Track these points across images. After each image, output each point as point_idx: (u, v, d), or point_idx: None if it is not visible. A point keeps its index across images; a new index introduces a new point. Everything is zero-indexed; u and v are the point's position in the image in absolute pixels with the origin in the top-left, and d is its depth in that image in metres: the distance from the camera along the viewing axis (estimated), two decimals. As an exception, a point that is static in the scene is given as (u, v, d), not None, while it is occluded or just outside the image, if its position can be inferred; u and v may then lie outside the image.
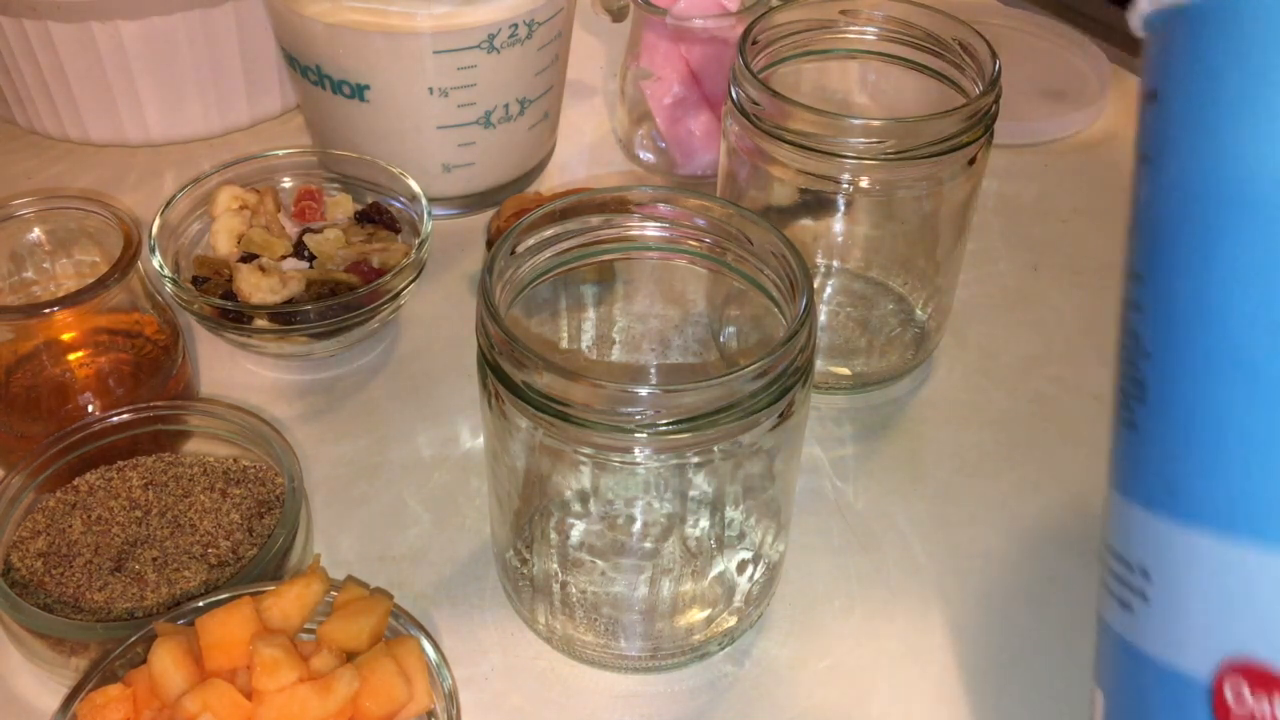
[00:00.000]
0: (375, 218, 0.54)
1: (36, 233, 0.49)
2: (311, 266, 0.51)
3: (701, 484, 0.39)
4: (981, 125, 0.45)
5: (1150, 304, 0.30)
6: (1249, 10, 0.27)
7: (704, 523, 0.40)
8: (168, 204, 0.51)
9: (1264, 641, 0.26)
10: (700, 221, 0.39)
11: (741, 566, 0.41)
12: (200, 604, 0.36)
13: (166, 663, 0.33)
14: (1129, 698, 0.30)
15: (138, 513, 0.42)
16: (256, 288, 0.48)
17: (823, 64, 0.51)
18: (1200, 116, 0.28)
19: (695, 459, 0.35)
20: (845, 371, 0.51)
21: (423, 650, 0.35)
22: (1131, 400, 0.30)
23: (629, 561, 0.40)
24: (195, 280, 0.51)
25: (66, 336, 0.46)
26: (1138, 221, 0.31)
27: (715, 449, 0.35)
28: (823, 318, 0.53)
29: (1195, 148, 0.28)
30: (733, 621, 0.41)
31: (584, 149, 0.66)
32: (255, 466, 0.44)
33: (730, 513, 0.40)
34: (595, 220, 0.39)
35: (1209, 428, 0.28)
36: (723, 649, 0.41)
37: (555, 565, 0.40)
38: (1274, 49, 0.26)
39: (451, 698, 0.35)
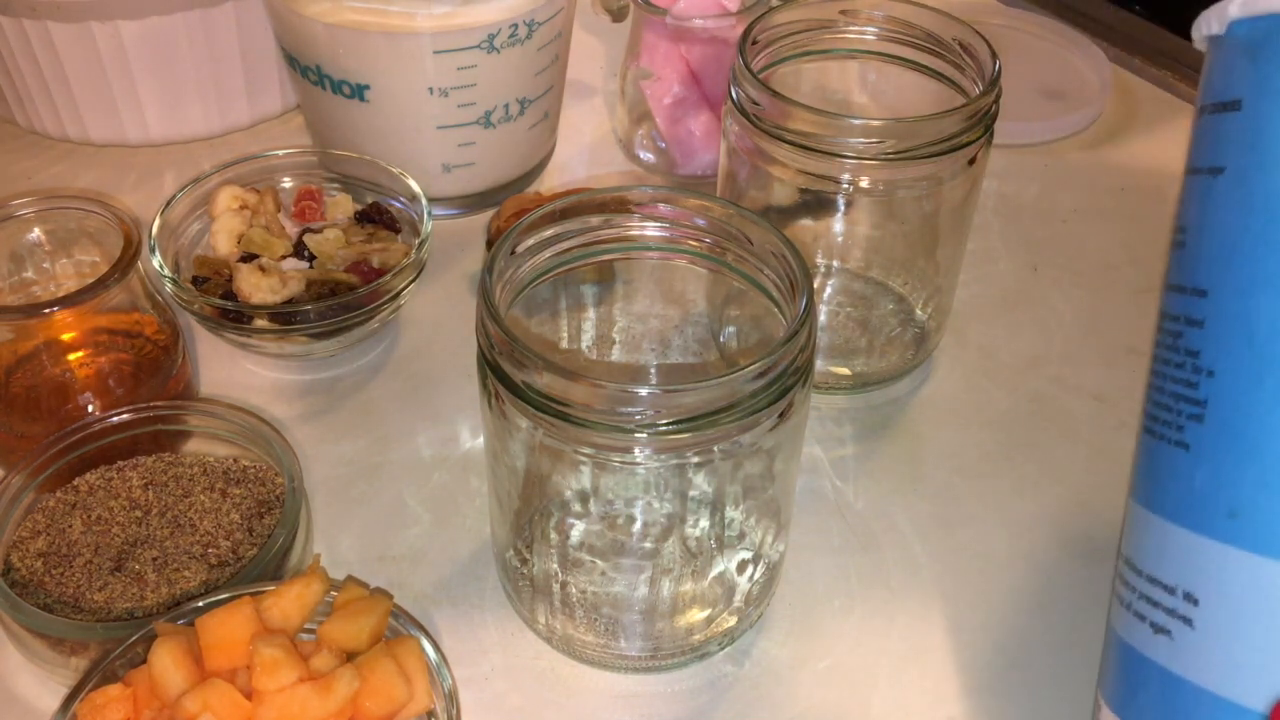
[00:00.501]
0: (375, 218, 0.54)
1: (36, 233, 0.49)
2: (311, 266, 0.51)
3: (701, 484, 0.39)
4: (981, 125, 0.45)
5: (1216, 320, 0.28)
6: None
7: (704, 523, 0.40)
8: (168, 204, 0.51)
9: None
10: (700, 221, 0.39)
11: (741, 566, 0.41)
12: (200, 604, 0.36)
13: (166, 663, 0.33)
14: None
15: (138, 513, 0.42)
16: (256, 288, 0.48)
17: (823, 64, 0.51)
18: None
19: (695, 459, 0.35)
20: (845, 371, 0.51)
21: (423, 650, 0.35)
22: (1184, 420, 0.29)
23: (629, 561, 0.40)
24: (195, 280, 0.51)
25: (66, 336, 0.46)
26: (1199, 234, 0.29)
27: (715, 449, 0.35)
28: (823, 318, 0.53)
29: None
30: (733, 621, 0.41)
31: (584, 149, 0.66)
32: (255, 466, 0.44)
33: (730, 513, 0.40)
34: (595, 220, 0.39)
35: None
36: (723, 649, 0.41)
37: (555, 565, 0.40)
38: None
39: (451, 698, 0.35)
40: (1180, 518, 0.29)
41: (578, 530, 0.41)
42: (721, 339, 0.49)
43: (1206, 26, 0.29)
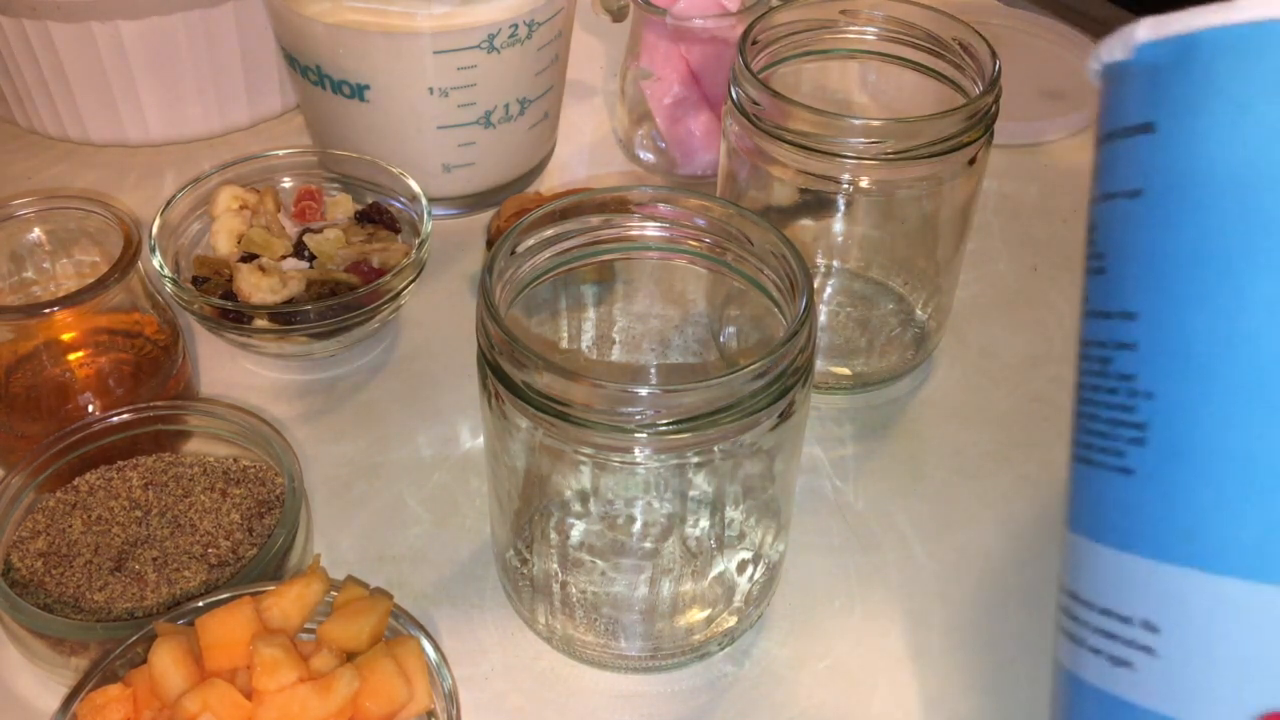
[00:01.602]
0: (375, 218, 0.54)
1: (36, 233, 0.49)
2: (311, 266, 0.51)
3: (701, 484, 0.39)
4: (981, 125, 0.45)
5: (1150, 342, 0.28)
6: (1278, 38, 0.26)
7: (704, 523, 0.40)
8: (168, 204, 0.51)
9: None
10: (700, 221, 0.39)
11: (741, 566, 0.41)
12: (200, 604, 0.36)
13: (166, 663, 0.33)
14: None
15: (138, 513, 0.42)
16: (256, 288, 0.48)
17: (823, 64, 0.51)
18: (1225, 151, 0.26)
19: (695, 459, 0.35)
20: (845, 371, 0.51)
21: (423, 650, 0.35)
22: (1124, 445, 0.29)
23: (629, 561, 0.40)
24: (195, 280, 0.51)
25: (66, 336, 0.46)
26: (1122, 258, 0.29)
27: (715, 449, 0.35)
28: (823, 318, 0.53)
29: (1218, 181, 0.26)
30: (733, 621, 0.41)
31: (584, 149, 0.66)
32: (255, 466, 0.44)
33: (730, 513, 0.40)
34: (595, 220, 0.39)
35: (1237, 468, 0.26)
36: (723, 649, 0.41)
37: (555, 565, 0.40)
38: None
39: (451, 698, 0.35)
40: (1131, 545, 0.28)
41: (578, 530, 0.41)
42: (721, 339, 0.49)
43: (1109, 54, 0.29)
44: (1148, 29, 0.28)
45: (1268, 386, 0.26)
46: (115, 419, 0.44)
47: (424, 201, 0.52)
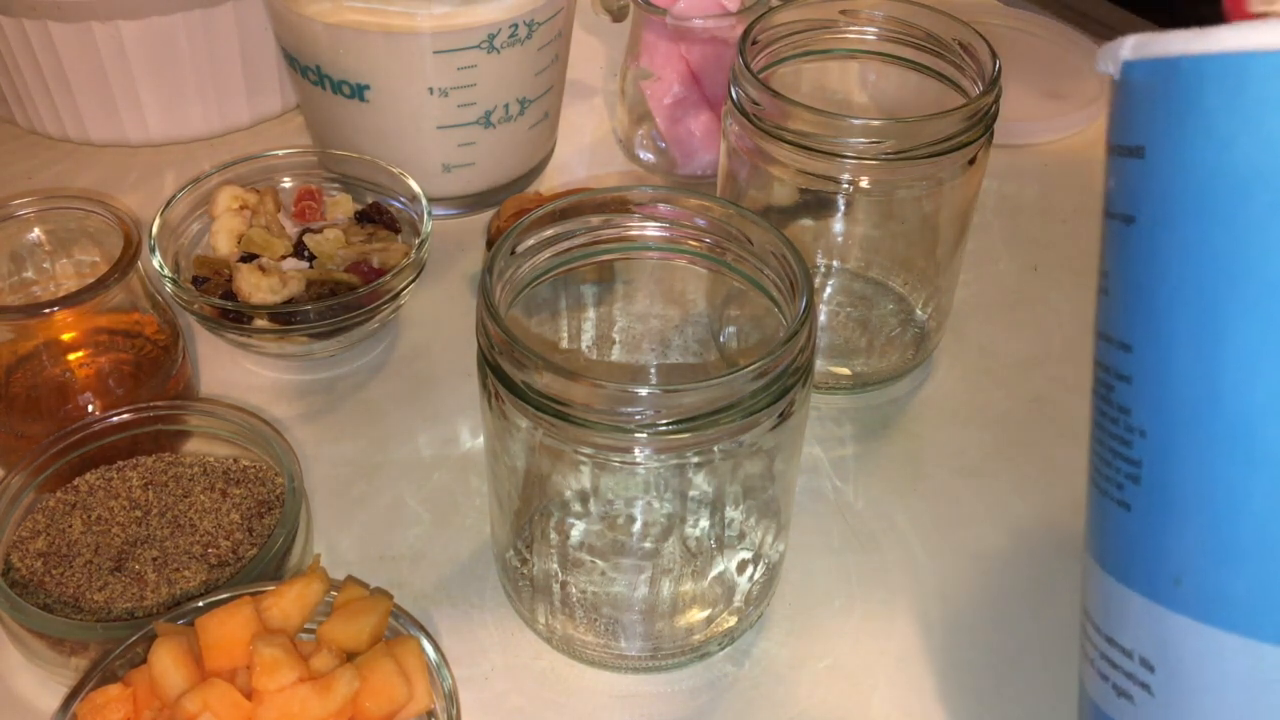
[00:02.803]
0: (375, 218, 0.54)
1: (36, 233, 0.49)
2: (311, 266, 0.51)
3: (701, 484, 0.39)
4: (981, 125, 0.45)
5: (1143, 378, 0.27)
6: (1265, 70, 0.24)
7: (704, 523, 0.40)
8: (168, 204, 0.51)
9: None
10: (700, 221, 0.39)
11: (741, 566, 0.41)
12: (200, 604, 0.36)
13: (166, 663, 0.33)
14: None
15: (138, 513, 0.42)
16: (256, 288, 0.48)
17: (823, 64, 0.51)
18: (1210, 186, 0.25)
19: (695, 459, 0.35)
20: (845, 371, 0.51)
21: (423, 650, 0.35)
22: (1122, 479, 0.28)
23: (629, 561, 0.40)
24: (195, 280, 0.51)
25: (66, 336, 0.46)
26: (1120, 283, 0.28)
27: (715, 449, 0.35)
28: (823, 318, 0.53)
29: (1203, 218, 0.25)
30: (733, 621, 0.41)
31: (584, 149, 0.66)
32: (255, 466, 0.44)
33: (730, 513, 0.40)
34: (595, 220, 0.39)
35: (1221, 520, 0.25)
36: (723, 649, 0.41)
37: (555, 565, 0.40)
38: None
39: (451, 698, 0.35)
40: (1130, 580, 0.28)
41: (578, 530, 0.41)
42: (721, 339, 0.49)
43: (1102, 65, 0.28)
44: (1132, 48, 0.27)
45: (1254, 440, 0.24)
46: (115, 419, 0.44)
47: (424, 201, 0.52)
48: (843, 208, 0.48)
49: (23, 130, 0.65)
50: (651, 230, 0.40)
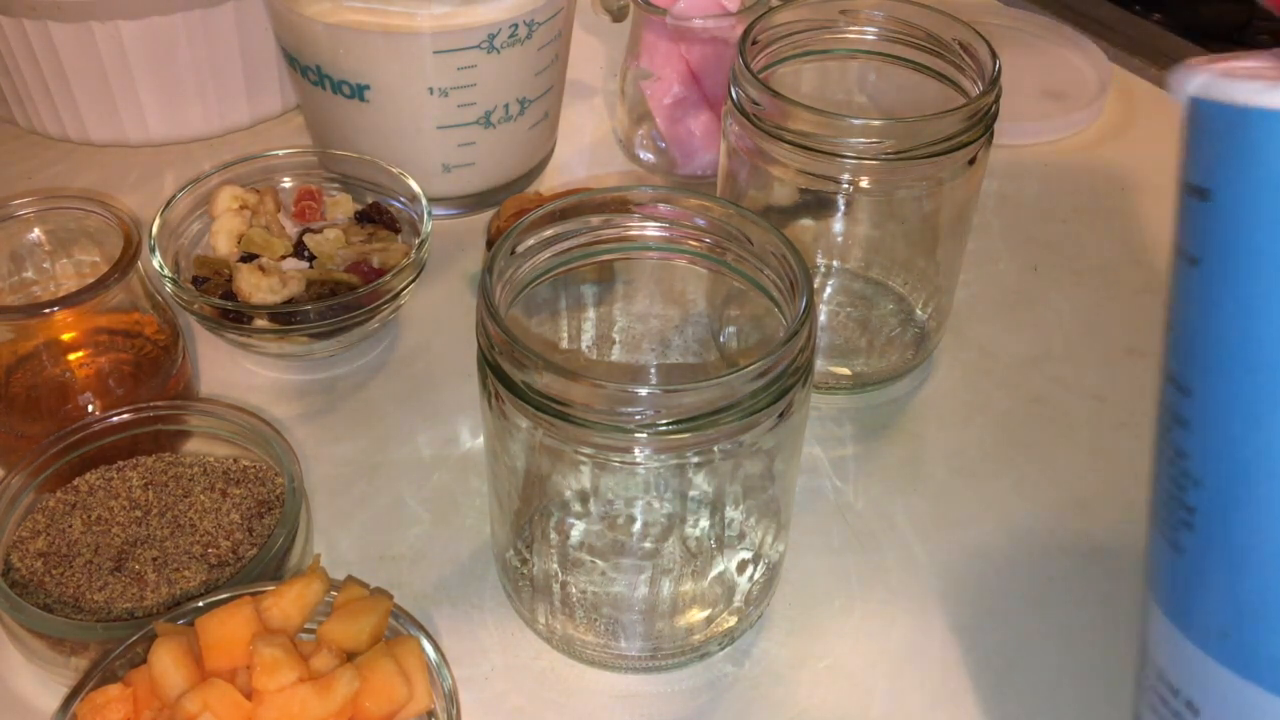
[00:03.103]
0: (375, 218, 0.54)
1: (36, 233, 0.49)
2: (311, 266, 0.51)
3: (701, 484, 0.39)
4: (981, 125, 0.45)
5: (1201, 425, 0.26)
6: None
7: (704, 523, 0.40)
8: (168, 204, 0.51)
9: None
10: (700, 221, 0.39)
11: (741, 566, 0.41)
12: (200, 604, 0.36)
13: (166, 663, 0.33)
14: None
15: (138, 513, 0.42)
16: (256, 288, 0.48)
17: (823, 64, 0.51)
18: (1274, 238, 0.24)
19: (695, 459, 0.35)
20: (845, 371, 0.51)
21: (423, 650, 0.35)
22: (1178, 523, 0.27)
23: (629, 561, 0.40)
24: (195, 280, 0.51)
25: (66, 336, 0.46)
26: (1182, 324, 0.27)
27: (715, 449, 0.35)
28: (823, 318, 0.53)
29: (1265, 270, 0.24)
30: (733, 621, 0.41)
31: (584, 149, 0.66)
32: (255, 466, 0.44)
33: (730, 513, 0.40)
34: (595, 220, 0.39)
35: (1273, 582, 0.24)
36: (723, 649, 0.41)
37: (555, 565, 0.40)
38: None
39: (451, 698, 0.35)
40: (1181, 624, 0.27)
41: (578, 530, 0.41)
42: (721, 339, 0.49)
43: (1173, 92, 0.27)
44: (1198, 85, 0.26)
45: None
46: (115, 419, 0.44)
47: (424, 201, 0.52)
48: (843, 208, 0.48)
49: (23, 130, 0.65)
50: (651, 230, 0.40)
